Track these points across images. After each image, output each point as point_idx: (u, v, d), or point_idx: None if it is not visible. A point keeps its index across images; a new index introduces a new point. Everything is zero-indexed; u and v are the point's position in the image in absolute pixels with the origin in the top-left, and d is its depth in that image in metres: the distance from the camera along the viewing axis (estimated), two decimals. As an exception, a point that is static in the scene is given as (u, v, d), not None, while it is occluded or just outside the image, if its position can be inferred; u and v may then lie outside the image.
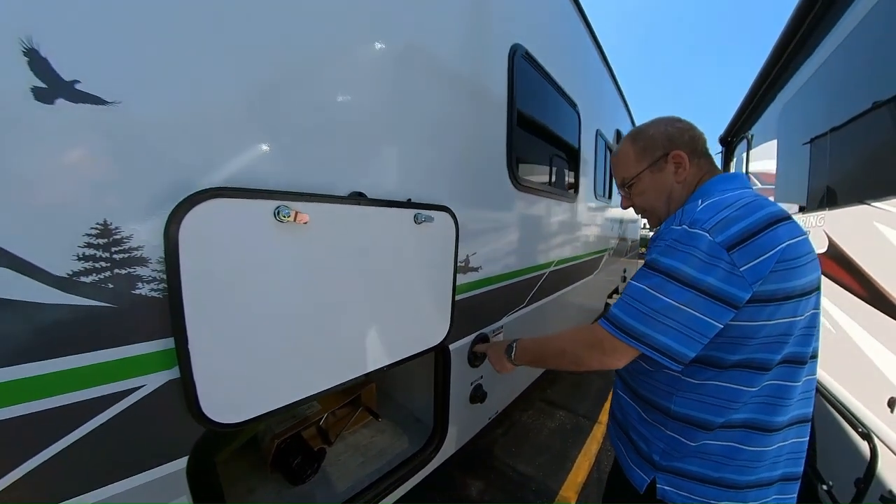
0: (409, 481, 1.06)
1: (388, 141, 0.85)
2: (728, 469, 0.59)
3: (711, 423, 0.58)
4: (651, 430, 0.65)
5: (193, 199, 0.51)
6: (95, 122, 0.46)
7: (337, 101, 0.73)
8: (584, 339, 0.65)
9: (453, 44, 1.01)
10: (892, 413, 1.02)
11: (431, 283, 0.95)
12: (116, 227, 0.48)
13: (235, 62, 0.57)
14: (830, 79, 1.82)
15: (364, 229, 0.75)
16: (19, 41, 0.41)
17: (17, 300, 0.43)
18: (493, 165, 1.24)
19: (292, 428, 1.08)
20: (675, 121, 0.70)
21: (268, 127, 0.62)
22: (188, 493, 0.60)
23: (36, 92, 0.42)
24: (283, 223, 0.60)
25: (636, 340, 0.56)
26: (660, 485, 0.62)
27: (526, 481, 1.86)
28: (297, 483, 1.00)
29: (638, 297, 0.57)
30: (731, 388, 0.57)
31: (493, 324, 1.33)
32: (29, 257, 0.43)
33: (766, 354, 0.55)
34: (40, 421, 0.45)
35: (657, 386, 0.64)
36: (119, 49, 0.47)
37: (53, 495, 0.48)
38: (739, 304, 0.51)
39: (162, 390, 0.54)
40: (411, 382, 1.31)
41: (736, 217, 0.52)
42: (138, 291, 0.51)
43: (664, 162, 0.67)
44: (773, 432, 0.58)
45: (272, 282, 0.62)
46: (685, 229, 0.55)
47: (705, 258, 0.52)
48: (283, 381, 0.66)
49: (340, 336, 0.75)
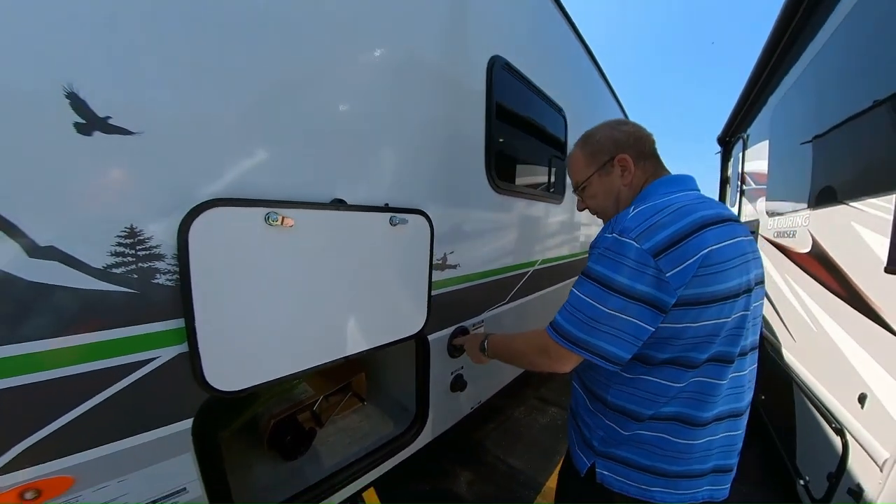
0: (390, 461, 1.17)
1: (369, 152, 0.97)
2: (658, 458, 0.62)
3: (641, 415, 0.62)
4: (593, 419, 0.69)
5: (200, 207, 0.64)
6: (124, 148, 0.59)
7: (321, 120, 0.85)
8: (536, 343, 0.69)
9: (431, 58, 1.10)
10: (862, 409, 1.06)
11: (408, 278, 1.06)
12: (140, 230, 0.61)
13: (234, 96, 0.70)
14: (813, 84, 1.86)
15: (344, 231, 0.87)
16: (62, 87, 0.53)
17: (65, 286, 0.56)
18: (471, 171, 1.34)
19: (288, 410, 1.21)
20: (620, 124, 0.72)
21: (260, 144, 0.75)
22: (192, 450, 0.72)
23: (77, 126, 0.55)
24: (272, 226, 0.72)
25: (578, 347, 0.59)
26: (598, 469, 0.66)
27: (515, 473, 1.94)
28: (290, 459, 1.12)
29: (577, 306, 0.60)
30: (660, 383, 0.60)
31: (474, 318, 1.44)
32: (74, 253, 0.56)
33: (692, 353, 0.58)
34: (80, 381, 0.58)
35: (598, 378, 0.68)
36: (141, 91, 0.60)
37: (89, 441, 0.61)
38: (667, 308, 0.54)
39: (173, 361, 0.67)
40: (398, 373, 1.42)
41: (663, 224, 0.54)
42: (156, 281, 0.64)
43: (611, 165, 0.70)
44: (701, 427, 0.60)
45: (264, 275, 0.75)
46: (615, 237, 0.57)
47: (634, 266, 0.54)
48: (273, 358, 0.79)
49: (323, 322, 0.87)
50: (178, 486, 0.72)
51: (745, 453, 0.65)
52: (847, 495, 1.04)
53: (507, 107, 1.48)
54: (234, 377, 0.73)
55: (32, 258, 0.53)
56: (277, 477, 1.06)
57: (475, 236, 1.39)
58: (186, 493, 0.73)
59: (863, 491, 0.98)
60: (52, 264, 0.55)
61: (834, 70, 1.60)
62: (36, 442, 0.56)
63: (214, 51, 0.67)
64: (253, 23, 0.71)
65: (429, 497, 1.69)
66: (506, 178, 1.54)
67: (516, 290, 1.72)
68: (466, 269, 1.35)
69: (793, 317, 1.70)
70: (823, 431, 1.24)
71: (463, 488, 1.80)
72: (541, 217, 1.92)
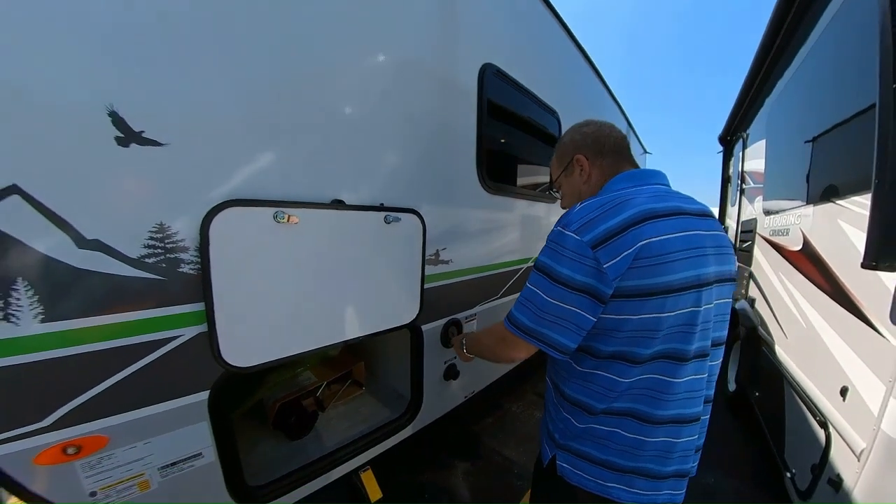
0: (386, 441, 1.26)
1: (366, 155, 1.06)
2: (610, 452, 0.62)
3: (594, 408, 0.62)
4: (556, 411, 0.70)
5: (218, 207, 0.74)
6: (154, 157, 0.69)
7: (322, 127, 0.95)
8: (497, 334, 0.70)
9: (424, 67, 1.18)
10: (843, 401, 1.08)
11: (401, 272, 1.16)
12: (168, 226, 0.72)
13: (247, 112, 0.80)
14: (803, 86, 1.89)
15: (343, 228, 0.97)
16: (105, 107, 0.63)
17: (106, 273, 0.66)
18: (462, 172, 1.43)
19: (292, 394, 1.31)
20: (582, 126, 0.75)
21: (268, 152, 0.85)
22: (208, 419, 0.82)
23: (118, 139, 0.65)
24: (279, 223, 0.83)
25: (528, 335, 0.60)
26: (559, 461, 0.67)
27: (510, 465, 1.99)
28: (294, 439, 1.22)
29: (527, 296, 0.61)
30: (609, 377, 0.60)
31: (467, 311, 1.52)
32: (114, 245, 0.67)
33: (636, 348, 0.57)
34: (116, 354, 0.69)
35: (559, 371, 0.70)
36: (169, 110, 0.70)
37: (122, 406, 0.71)
38: (605, 298, 0.54)
39: (194, 339, 0.77)
40: (395, 362, 1.51)
41: (603, 217, 0.56)
42: (181, 269, 0.74)
43: (572, 166, 0.73)
44: (655, 424, 0.60)
45: (273, 266, 0.85)
46: (559, 230, 0.59)
47: (574, 256, 0.55)
48: (281, 339, 0.89)
49: (325, 308, 0.97)
50: (196, 451, 0.82)
51: (740, 449, 0.64)
52: (827, 485, 1.07)
53: (498, 111, 1.54)
54: (247, 355, 0.83)
55: (81, 249, 0.64)
56: (282, 454, 1.16)
57: (467, 234, 1.48)
58: (202, 458, 0.83)
59: (841, 481, 1.00)
60: (96, 254, 0.65)
61: (823, 71, 1.63)
62: (79, 404, 0.66)
63: (231, 78, 0.77)
64: (262, 50, 0.81)
65: (426, 487, 1.77)
66: (497, 178, 1.62)
67: (508, 287, 1.79)
68: (459, 265, 1.43)
69: (786, 315, 1.72)
70: (809, 425, 1.26)
71: (459, 479, 1.87)
72: (533, 216, 1.99)
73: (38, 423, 0.63)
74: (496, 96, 1.52)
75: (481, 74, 1.41)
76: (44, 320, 0.61)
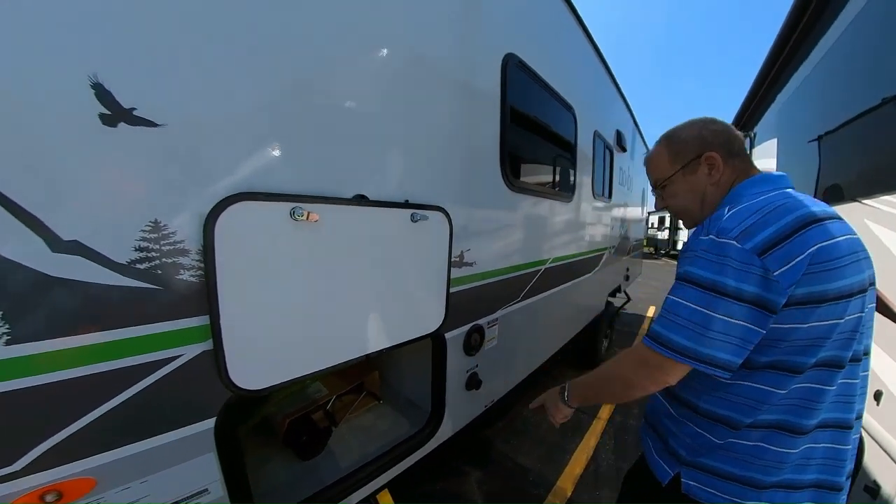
0: (406, 460, 1.15)
1: (390, 149, 0.95)
2: (753, 468, 0.58)
3: (738, 422, 0.58)
4: (678, 426, 0.65)
5: (226, 201, 0.62)
6: (148, 140, 0.57)
7: (343, 114, 0.83)
8: (630, 360, 0.63)
9: (447, 57, 1.09)
10: (878, 405, 1.05)
11: (427, 275, 1.05)
12: (164, 224, 0.59)
13: (261, 90, 0.68)
14: (824, 82, 1.84)
15: (366, 227, 0.86)
16: (87, 77, 0.51)
17: (87, 281, 0.54)
18: (487, 168, 1.33)
19: (302, 409, 1.19)
20: (709, 122, 0.69)
21: (284, 139, 0.73)
22: (215, 449, 0.71)
23: (103, 118, 0.53)
24: (297, 221, 0.70)
25: (681, 355, 0.55)
26: (684, 479, 0.63)
27: (524, 472, 1.94)
28: (306, 458, 1.11)
29: (675, 311, 0.56)
30: (760, 388, 0.56)
31: (489, 315, 1.42)
32: (97, 248, 0.54)
33: (798, 357, 0.54)
34: (102, 380, 0.56)
35: (687, 383, 0.63)
36: (167, 84, 0.58)
37: (111, 441, 0.59)
38: (777, 308, 0.51)
39: (196, 360, 0.65)
40: (411, 371, 1.41)
41: (763, 223, 0.52)
42: (180, 277, 0.62)
43: (697, 164, 0.67)
44: (801, 435, 0.56)
45: (288, 271, 0.73)
46: (712, 239, 0.55)
47: (738, 266, 0.51)
48: (296, 355, 0.77)
49: (345, 319, 0.85)
50: (200, 487, 0.70)
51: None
52: (864, 493, 1.03)
53: (520, 104, 1.46)
54: (258, 375, 0.71)
55: (55, 253, 0.51)
56: (293, 476, 1.04)
57: (490, 234, 1.37)
58: (208, 494, 0.71)
59: (879, 487, 0.98)
60: (75, 259, 0.53)
61: (847, 66, 1.58)
62: (57, 443, 0.54)
63: (242, 45, 0.65)
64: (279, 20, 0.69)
65: (441, 497, 1.69)
66: (519, 175, 1.52)
67: (529, 289, 1.70)
68: (482, 267, 1.33)
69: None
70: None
71: (474, 487, 1.79)
72: (552, 215, 1.90)
73: (7, 467, 0.51)
74: (518, 89, 1.43)
75: (504, 64, 1.33)
76: (9, 342, 0.49)
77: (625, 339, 4.08)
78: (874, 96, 1.25)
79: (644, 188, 4.55)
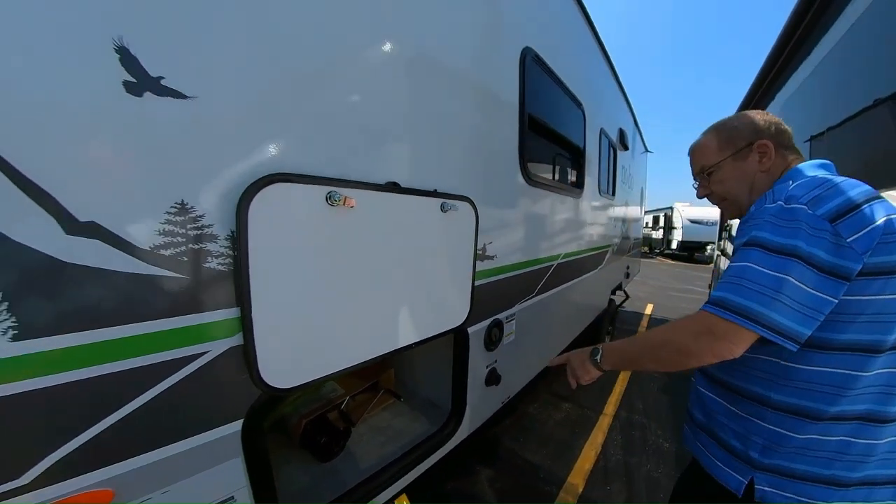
0: (430, 458, 1.11)
1: (418, 137, 0.90)
2: (838, 465, 0.54)
3: (821, 413, 0.54)
4: (745, 425, 0.61)
5: (261, 182, 0.56)
6: (177, 113, 0.51)
7: (373, 102, 0.78)
8: (689, 327, 0.57)
9: (471, 48, 1.06)
10: None
11: (455, 268, 1.01)
12: (192, 206, 0.53)
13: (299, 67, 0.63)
14: (826, 81, 1.87)
15: (399, 215, 0.81)
16: (111, 40, 0.46)
17: (105, 269, 0.47)
18: (507, 160, 1.29)
19: (319, 409, 1.14)
20: (761, 114, 0.70)
21: (319, 122, 0.67)
22: (242, 454, 0.65)
23: (127, 85, 0.47)
24: (333, 207, 0.65)
25: (751, 321, 0.50)
26: (758, 486, 0.58)
27: (534, 469, 1.92)
28: (325, 460, 1.05)
29: (743, 275, 0.52)
30: (841, 373, 0.52)
31: (507, 310, 1.39)
32: (118, 231, 0.48)
33: (876, 335, 0.51)
34: (119, 381, 0.50)
35: (751, 373, 0.59)
36: (199, 52, 0.52)
37: (130, 449, 0.53)
38: (851, 276, 0.49)
39: (223, 356, 0.59)
40: (428, 369, 1.36)
41: (831, 194, 0.51)
42: (208, 265, 0.56)
43: (748, 151, 0.67)
44: (887, 424, 0.53)
45: (322, 260, 0.67)
46: (781, 206, 0.53)
47: (810, 231, 0.49)
48: (328, 351, 0.72)
49: (377, 312, 0.81)
50: (226, 495, 0.64)
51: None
52: None
53: (536, 98, 1.44)
54: (290, 373, 0.66)
55: (70, 235, 0.45)
56: (313, 479, 0.99)
57: (510, 227, 1.35)
58: (234, 503, 0.65)
59: None
60: (91, 243, 0.46)
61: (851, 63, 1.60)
62: (70, 452, 0.48)
63: (286, 20, 0.60)
64: None
65: (455, 497, 1.65)
66: (535, 169, 1.49)
67: (543, 283, 1.68)
68: (502, 261, 1.30)
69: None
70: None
71: (485, 486, 1.77)
72: (564, 211, 1.89)
73: (12, 481, 0.45)
74: (535, 82, 1.41)
75: (523, 58, 1.30)
76: (17, 337, 0.43)
77: (623, 336, 4.14)
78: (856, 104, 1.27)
79: (643, 187, 4.61)
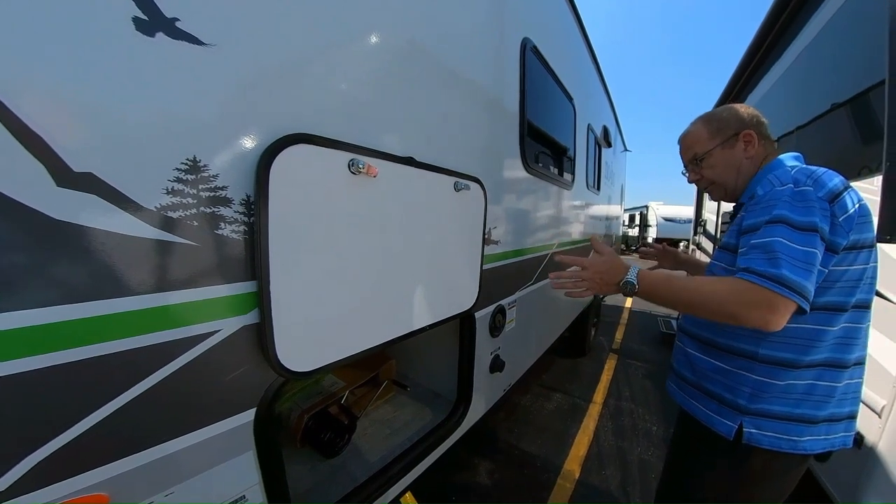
0: (440, 447, 1.08)
1: (433, 115, 0.88)
2: (806, 405, 0.64)
3: (797, 362, 0.63)
4: (735, 378, 0.68)
5: (284, 140, 0.51)
6: (191, 59, 0.45)
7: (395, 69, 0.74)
8: (745, 298, 0.58)
9: (479, 32, 1.06)
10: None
11: (466, 249, 0.99)
12: (205, 164, 0.47)
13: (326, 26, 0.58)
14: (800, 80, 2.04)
15: (415, 191, 0.78)
16: None
17: (101, 229, 0.41)
18: (510, 146, 1.30)
19: (320, 403, 1.07)
20: (744, 106, 0.79)
21: (345, 83, 0.63)
22: (254, 447, 0.59)
23: (137, 22, 0.41)
24: (356, 175, 0.61)
25: (794, 291, 0.55)
26: (746, 428, 0.66)
27: (531, 458, 1.94)
28: (331, 456, 0.99)
29: (779, 250, 0.57)
30: (815, 328, 0.62)
31: (509, 296, 1.39)
32: (118, 186, 0.42)
33: (843, 298, 0.62)
34: (116, 364, 0.43)
35: (739, 333, 0.67)
36: None
37: (128, 445, 0.46)
38: (839, 250, 0.59)
39: (235, 336, 0.54)
40: (431, 358, 1.33)
41: (823, 180, 0.60)
42: (220, 232, 0.50)
43: (735, 140, 0.75)
44: (844, 369, 0.64)
45: (342, 232, 0.63)
46: (792, 188, 0.61)
47: (821, 209, 0.58)
48: (347, 331, 0.67)
49: (394, 292, 0.77)
50: (237, 495, 0.58)
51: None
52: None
53: (533, 87, 1.47)
54: (308, 355, 0.60)
55: (62, 188, 0.38)
56: (319, 475, 0.92)
57: (512, 214, 1.35)
58: (245, 502, 0.59)
59: (863, 437, 1.08)
60: (87, 198, 0.40)
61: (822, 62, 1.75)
62: (56, 450, 0.41)
63: None
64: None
65: (452, 490, 1.63)
66: (533, 158, 1.52)
67: (539, 272, 1.70)
68: (505, 247, 1.30)
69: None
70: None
71: (484, 477, 1.76)
72: (558, 201, 1.93)
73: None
74: (532, 73, 1.44)
75: (522, 47, 1.32)
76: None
77: (606, 328, 4.31)
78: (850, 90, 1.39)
79: (623, 185, 4.85)
